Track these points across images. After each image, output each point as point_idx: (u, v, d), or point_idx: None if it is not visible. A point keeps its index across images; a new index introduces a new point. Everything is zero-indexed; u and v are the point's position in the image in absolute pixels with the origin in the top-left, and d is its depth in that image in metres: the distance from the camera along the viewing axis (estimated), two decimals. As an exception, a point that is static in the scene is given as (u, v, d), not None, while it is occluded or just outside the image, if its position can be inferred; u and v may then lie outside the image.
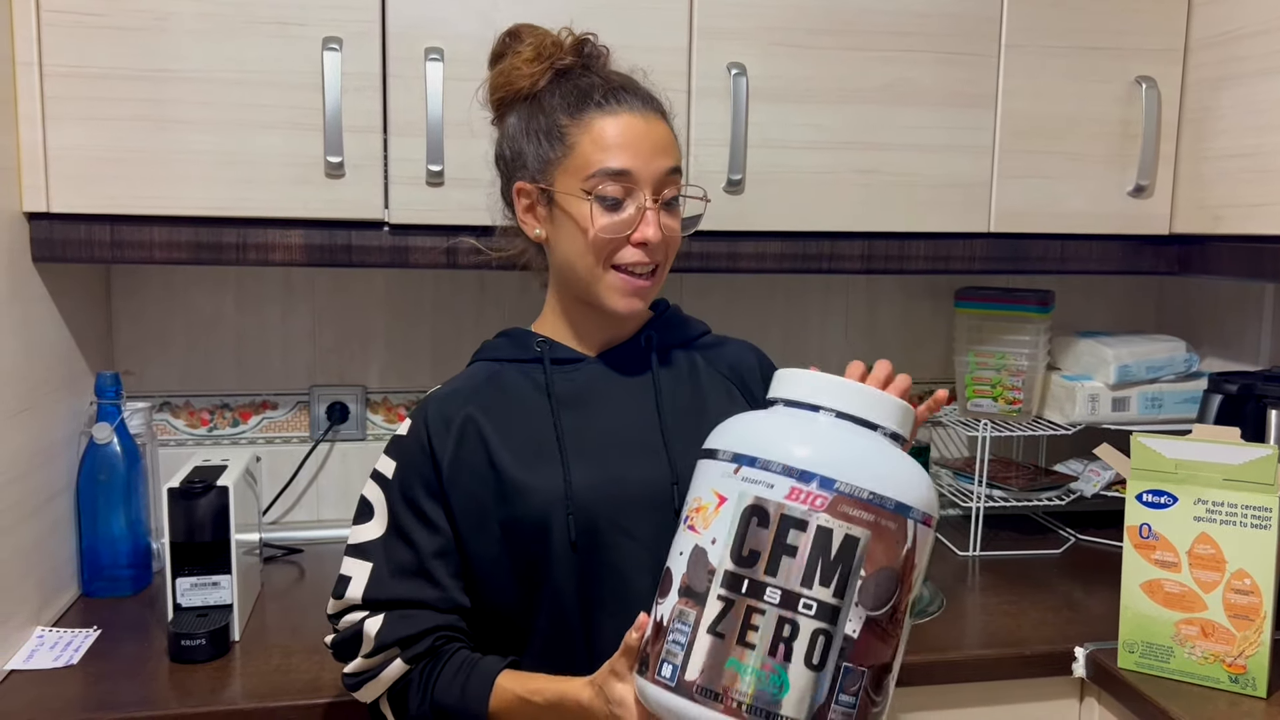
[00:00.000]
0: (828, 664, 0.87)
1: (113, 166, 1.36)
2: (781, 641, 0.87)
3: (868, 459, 0.90)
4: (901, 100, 1.55)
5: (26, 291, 1.37)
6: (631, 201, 1.09)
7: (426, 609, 1.09)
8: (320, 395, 1.81)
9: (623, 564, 1.09)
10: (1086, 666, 1.37)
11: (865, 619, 0.88)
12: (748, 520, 0.89)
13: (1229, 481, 1.25)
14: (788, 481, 0.89)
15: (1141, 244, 1.67)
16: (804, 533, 0.87)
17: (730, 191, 1.51)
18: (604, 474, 1.10)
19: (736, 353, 1.26)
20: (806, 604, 0.87)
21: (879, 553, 0.88)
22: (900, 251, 1.60)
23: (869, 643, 0.88)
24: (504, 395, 1.15)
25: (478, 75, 1.41)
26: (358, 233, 1.44)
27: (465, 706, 1.05)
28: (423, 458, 1.12)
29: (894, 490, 0.89)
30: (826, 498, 0.88)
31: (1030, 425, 1.82)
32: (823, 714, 0.87)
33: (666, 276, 1.16)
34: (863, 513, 0.88)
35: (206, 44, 1.36)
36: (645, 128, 1.10)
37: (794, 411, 0.96)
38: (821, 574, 0.87)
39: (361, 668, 1.09)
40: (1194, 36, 1.61)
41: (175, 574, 1.35)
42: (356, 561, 1.11)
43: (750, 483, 0.90)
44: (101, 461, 1.51)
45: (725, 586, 0.89)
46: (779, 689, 0.86)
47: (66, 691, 1.23)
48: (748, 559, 0.88)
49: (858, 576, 0.88)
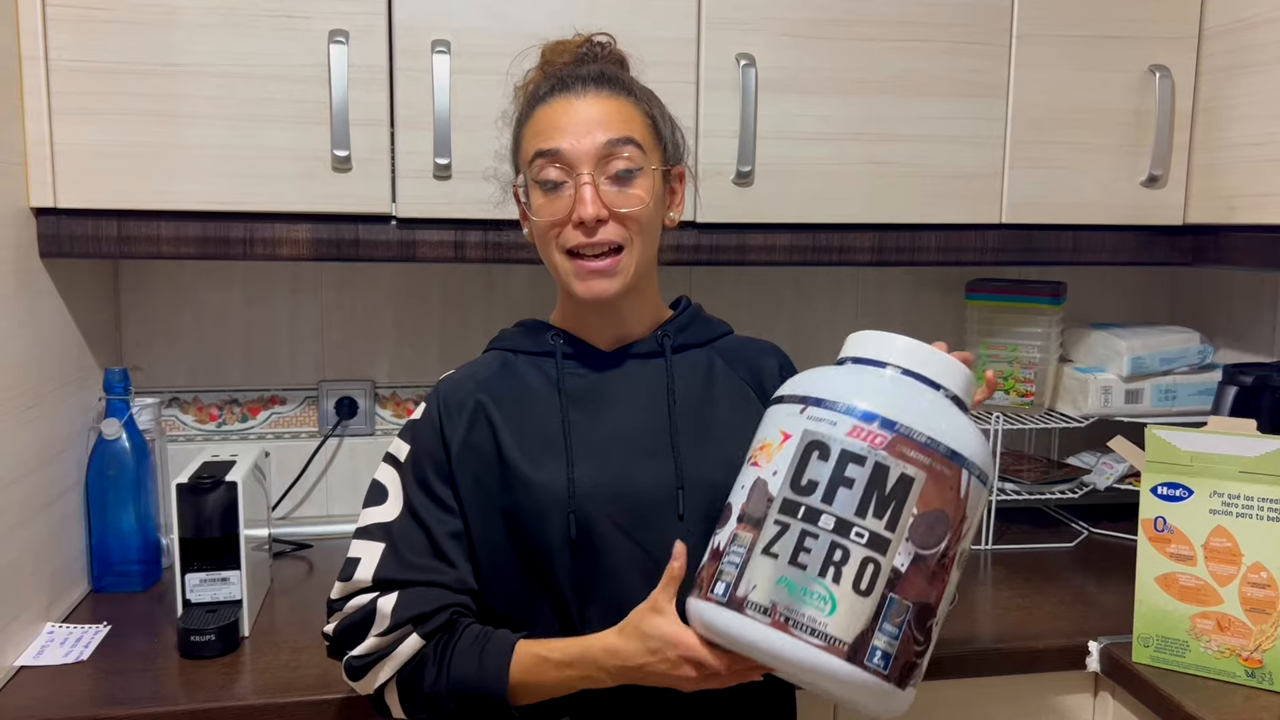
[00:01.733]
0: (874, 591, 0.90)
1: (119, 161, 1.36)
2: (832, 564, 0.90)
3: (928, 409, 0.95)
4: (912, 90, 1.54)
5: (34, 287, 1.37)
6: (571, 182, 1.07)
7: (440, 588, 1.08)
8: (329, 390, 1.80)
9: (621, 565, 1.07)
10: (1100, 661, 1.36)
11: (914, 555, 0.92)
12: (809, 453, 0.94)
13: (1245, 474, 1.24)
14: (850, 420, 0.94)
15: (1155, 234, 1.65)
16: (862, 467, 0.92)
17: (739, 183, 1.50)
18: (608, 474, 1.09)
19: (757, 356, 1.23)
20: (859, 533, 0.91)
21: (932, 494, 0.92)
22: (911, 243, 1.58)
23: (915, 580, 0.92)
24: (515, 386, 1.14)
25: (485, 68, 1.41)
26: (365, 227, 1.44)
27: (484, 676, 1.03)
28: (435, 440, 1.12)
29: (951, 439, 0.94)
30: (886, 437, 0.93)
31: (1042, 418, 1.81)
32: (866, 638, 0.90)
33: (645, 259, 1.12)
34: (919, 454, 0.93)
35: (213, 38, 1.36)
36: (581, 106, 1.08)
37: (862, 367, 1.00)
38: (875, 506, 0.91)
39: (374, 647, 1.06)
40: (1208, 24, 1.60)
41: (184, 570, 1.35)
42: (368, 543, 1.10)
43: (815, 420, 0.95)
44: (110, 457, 1.51)
45: (782, 511, 0.93)
46: (826, 608, 0.90)
47: (77, 687, 1.23)
48: (806, 488, 0.93)
49: (910, 514, 0.92)
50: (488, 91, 1.42)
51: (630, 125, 1.09)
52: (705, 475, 1.09)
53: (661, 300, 1.22)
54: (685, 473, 1.09)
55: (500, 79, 1.41)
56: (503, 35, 1.41)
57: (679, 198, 1.18)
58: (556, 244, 1.10)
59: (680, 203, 1.19)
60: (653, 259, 1.16)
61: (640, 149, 1.09)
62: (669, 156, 1.15)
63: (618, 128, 1.08)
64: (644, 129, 1.11)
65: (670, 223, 1.17)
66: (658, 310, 1.20)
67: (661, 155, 1.13)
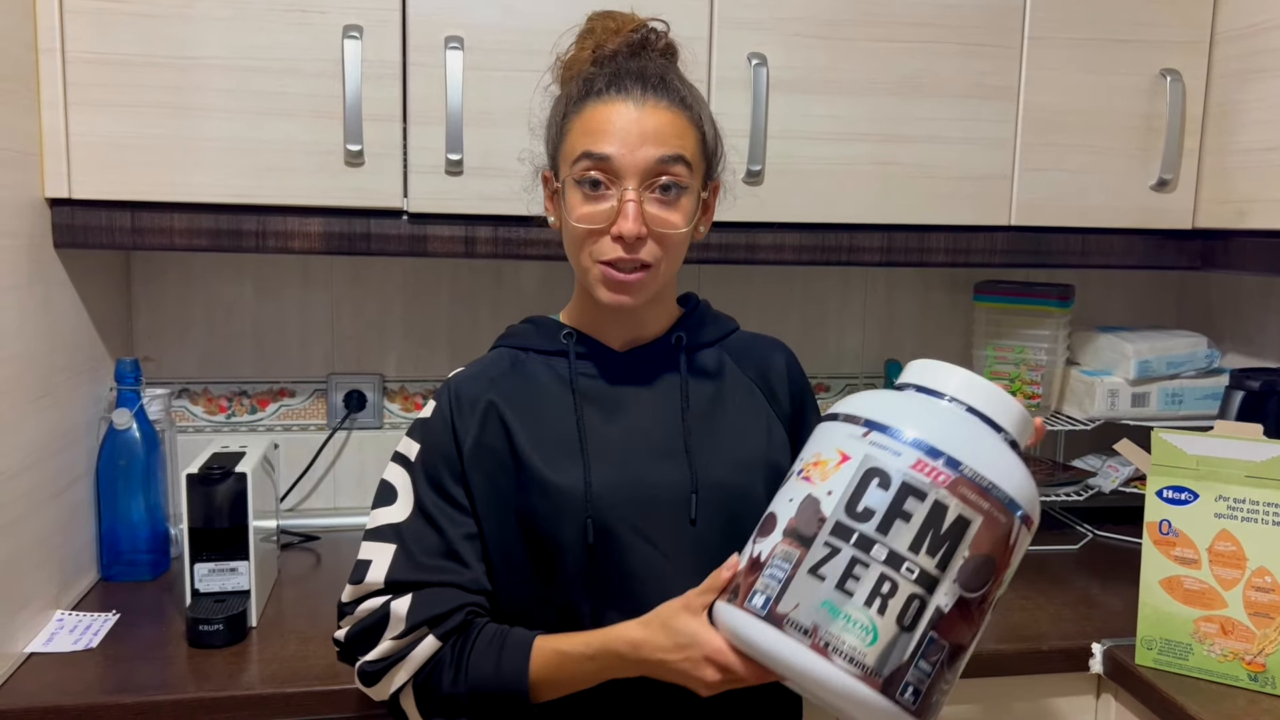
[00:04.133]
0: (917, 628, 0.90)
1: (134, 153, 1.37)
2: (879, 596, 0.90)
3: (992, 452, 0.95)
4: (923, 92, 1.54)
5: (48, 277, 1.38)
6: (615, 192, 1.04)
7: (455, 588, 1.06)
8: (338, 383, 1.81)
9: (637, 568, 1.06)
10: (1104, 663, 1.37)
11: (959, 597, 0.91)
12: (868, 480, 0.93)
13: (1251, 478, 1.24)
14: (915, 453, 0.93)
15: (1164, 238, 1.65)
16: (921, 503, 0.91)
17: (749, 182, 1.51)
18: (624, 476, 1.08)
19: (765, 354, 1.22)
20: (910, 568, 0.90)
21: (984, 539, 0.92)
22: (920, 244, 1.59)
23: (956, 620, 0.92)
24: (528, 385, 1.13)
25: (498, 64, 1.42)
26: (376, 221, 1.44)
27: (502, 675, 1.02)
28: (447, 439, 1.10)
29: (1010, 486, 0.94)
30: (950, 476, 0.92)
31: (1049, 420, 1.81)
32: (901, 674, 0.89)
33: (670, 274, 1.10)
34: (979, 498, 0.92)
35: (228, 31, 1.37)
36: (638, 115, 1.04)
37: (925, 397, 0.99)
38: (930, 544, 0.91)
39: (389, 651, 1.04)
40: (1219, 29, 1.60)
41: (193, 560, 1.36)
42: (378, 545, 1.08)
43: (878, 447, 0.94)
44: (121, 447, 1.52)
45: (834, 534, 0.92)
46: (868, 638, 0.89)
47: (85, 674, 1.24)
48: (861, 514, 0.92)
49: (961, 555, 0.91)
50: (500, 88, 1.42)
51: (683, 142, 1.06)
52: (718, 478, 1.09)
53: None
54: (699, 476, 1.09)
55: (512, 75, 1.42)
56: (515, 32, 1.42)
57: (710, 212, 1.15)
58: (590, 250, 1.07)
59: (710, 217, 1.16)
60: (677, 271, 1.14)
61: (689, 167, 1.06)
62: (712, 172, 1.13)
63: (672, 144, 1.05)
64: (695, 145, 1.08)
65: (699, 235, 1.15)
66: (672, 310, 1.19)
67: (706, 171, 1.11)
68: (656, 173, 1.04)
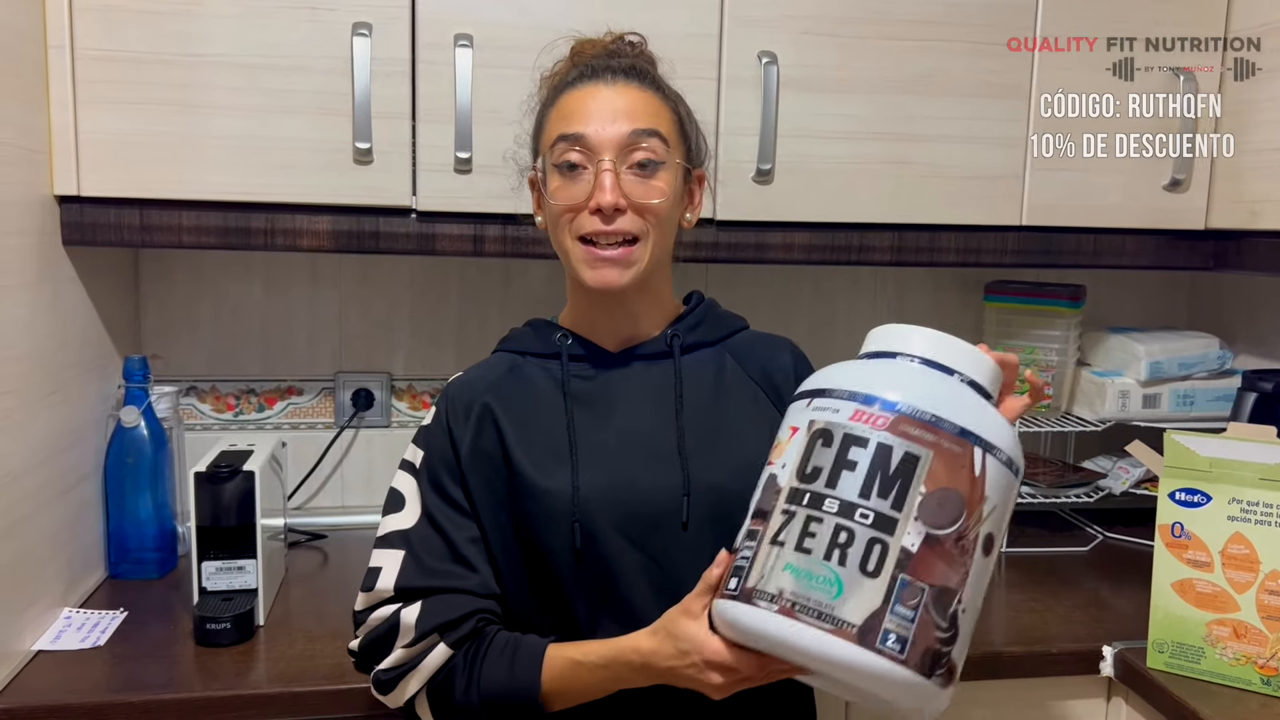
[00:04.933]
0: (883, 572, 0.88)
1: (143, 150, 1.36)
2: (837, 547, 0.89)
3: (937, 390, 0.94)
4: (934, 91, 1.53)
5: (57, 274, 1.38)
6: (591, 168, 1.06)
7: (465, 594, 1.06)
8: (345, 381, 1.81)
9: (628, 573, 1.06)
10: (1115, 666, 1.36)
11: (925, 535, 0.89)
12: (814, 442, 0.94)
13: (1264, 481, 1.24)
14: (851, 405, 0.93)
15: (1176, 239, 1.64)
16: (864, 449, 0.91)
17: (759, 181, 1.50)
18: (613, 480, 1.07)
19: (771, 354, 1.21)
20: (863, 514, 0.89)
21: (941, 472, 0.90)
22: (930, 243, 1.58)
23: (929, 560, 0.89)
24: (523, 389, 1.13)
25: (507, 62, 1.41)
26: (385, 219, 1.44)
27: (515, 684, 1.02)
28: (445, 443, 1.11)
29: (958, 416, 0.92)
30: (888, 417, 0.91)
31: (1059, 421, 1.80)
32: (877, 620, 0.87)
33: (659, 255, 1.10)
34: (924, 432, 0.91)
35: (237, 28, 1.36)
36: (609, 94, 1.07)
37: (876, 360, 1.00)
38: (880, 487, 0.90)
39: (401, 659, 1.04)
40: (1233, 28, 1.58)
41: (201, 558, 1.36)
42: (388, 552, 1.09)
43: (819, 410, 0.95)
44: (129, 445, 1.52)
45: (789, 501, 0.93)
46: (833, 591, 0.88)
47: (93, 672, 1.24)
48: (810, 475, 0.92)
49: (917, 492, 0.90)
50: (509, 86, 1.41)
51: (657, 118, 1.08)
52: (712, 481, 1.08)
53: (675, 297, 1.21)
54: (692, 479, 1.08)
55: (522, 73, 1.41)
56: (525, 30, 1.41)
57: (697, 200, 1.17)
58: (570, 229, 1.08)
59: (698, 205, 1.18)
60: (666, 257, 1.15)
61: (665, 143, 1.08)
62: (692, 157, 1.15)
63: (645, 119, 1.07)
64: (670, 124, 1.10)
65: (686, 224, 1.16)
66: (669, 309, 1.19)
67: (685, 153, 1.13)
68: (631, 145, 1.06)
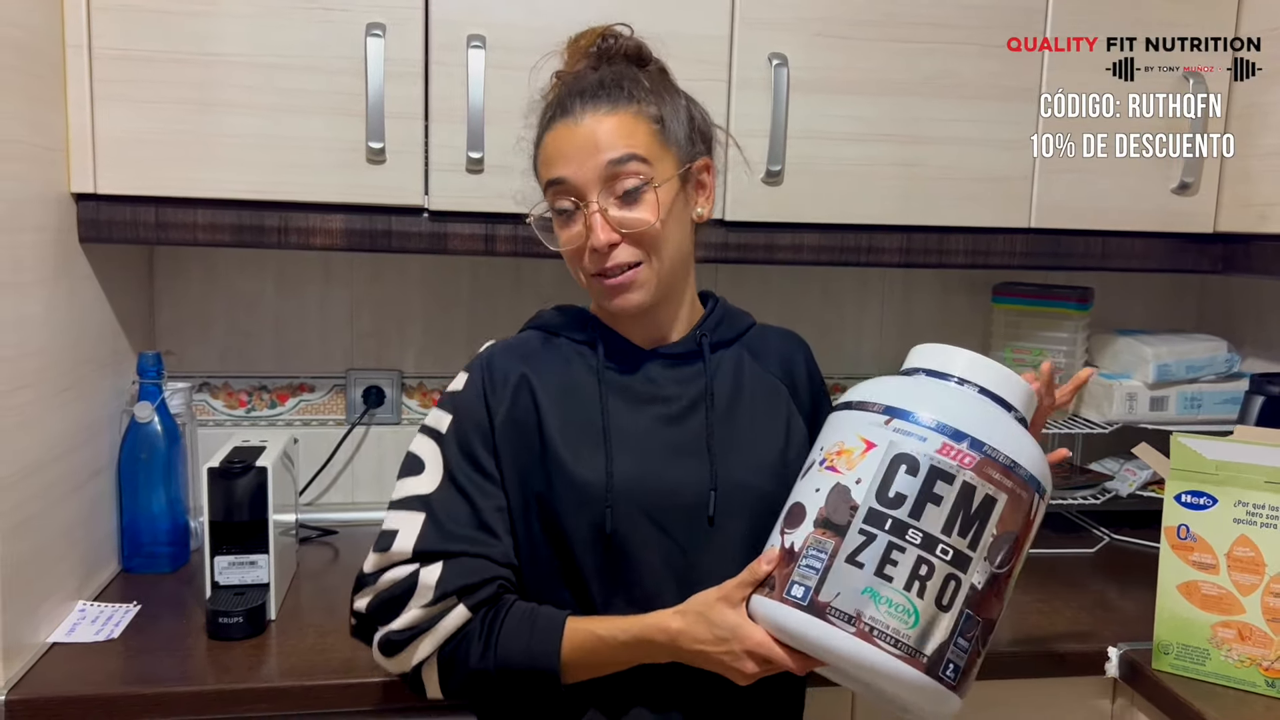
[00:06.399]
0: (954, 606, 0.94)
1: (159, 149, 1.38)
2: (917, 579, 0.93)
3: (1008, 432, 0.99)
4: (943, 93, 1.54)
5: (73, 271, 1.39)
6: (583, 209, 1.07)
7: (486, 559, 1.06)
8: (357, 379, 1.82)
9: (651, 561, 1.07)
10: (1120, 667, 1.36)
11: (990, 574, 0.95)
12: (896, 466, 0.96)
13: (1270, 484, 1.24)
14: (940, 437, 0.96)
15: (1184, 242, 1.64)
16: (950, 485, 0.95)
17: (769, 182, 1.51)
18: (644, 468, 1.08)
19: (784, 349, 1.23)
20: (944, 549, 0.94)
21: (1009, 516, 0.96)
22: (939, 245, 1.59)
23: (988, 596, 0.96)
24: (559, 365, 1.14)
25: (519, 63, 1.41)
26: (397, 218, 1.45)
27: (533, 652, 1.02)
28: (480, 410, 1.11)
29: (1029, 464, 0.98)
30: (975, 458, 0.95)
31: (1066, 423, 1.81)
32: (943, 652, 0.93)
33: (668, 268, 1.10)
34: (1003, 477, 0.96)
35: (251, 28, 1.37)
36: (579, 131, 1.06)
37: (936, 380, 1.04)
38: (961, 525, 0.94)
39: (416, 620, 1.03)
40: (1242, 31, 1.59)
41: (214, 552, 1.37)
42: (406, 514, 1.08)
43: (902, 434, 0.97)
44: (142, 440, 1.53)
45: (868, 522, 0.95)
46: (910, 620, 0.92)
47: (107, 665, 1.26)
48: (893, 500, 0.95)
49: (990, 534, 0.95)
50: (521, 87, 1.41)
51: (631, 139, 1.06)
52: (738, 479, 1.10)
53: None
54: (720, 476, 1.10)
55: (531, 74, 1.42)
56: (537, 31, 1.42)
57: (708, 191, 1.15)
58: (581, 269, 1.11)
59: (710, 197, 1.15)
60: (681, 264, 1.14)
61: (645, 162, 1.06)
62: (684, 155, 1.11)
63: (619, 145, 1.06)
64: (648, 138, 1.08)
65: (699, 218, 1.15)
66: (693, 309, 1.20)
67: (675, 158, 1.10)
68: (611, 176, 1.06)
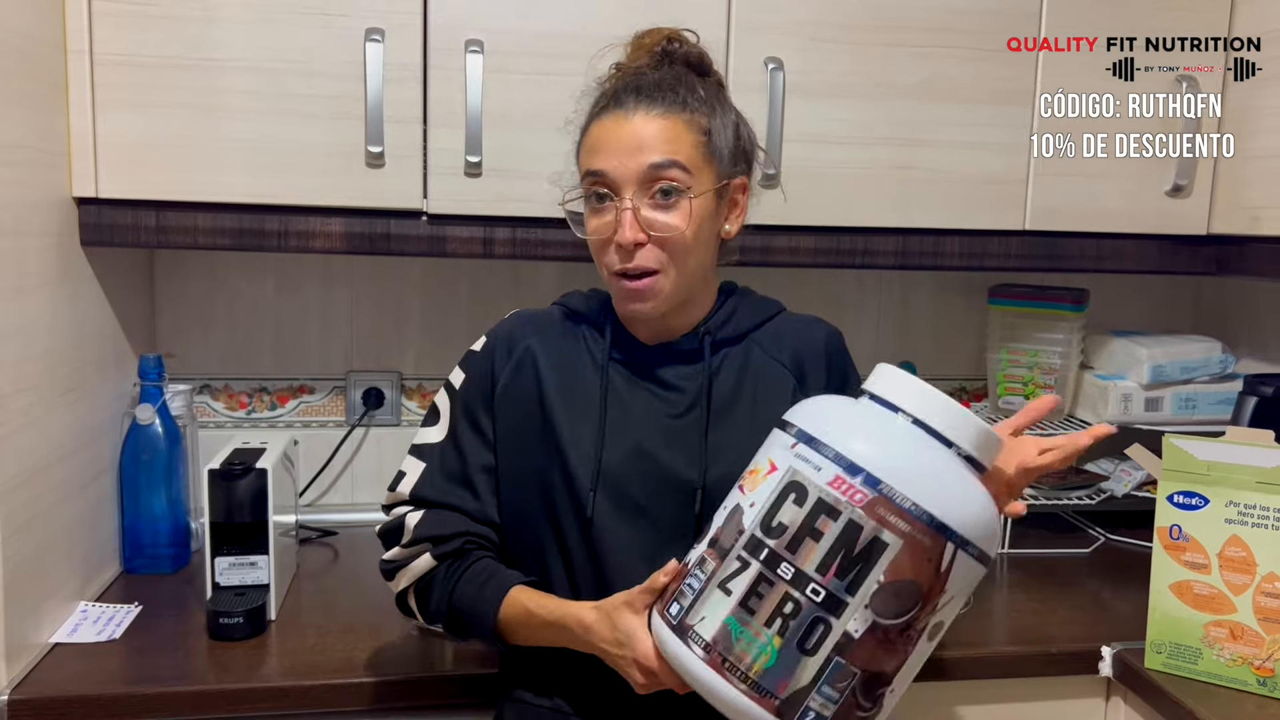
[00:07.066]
0: (819, 652, 0.88)
1: (160, 153, 1.39)
2: (780, 616, 0.88)
3: (925, 471, 0.89)
4: (939, 96, 1.55)
5: (75, 274, 1.40)
6: (616, 204, 1.08)
7: (461, 514, 1.15)
8: (357, 381, 1.83)
9: (631, 548, 1.10)
10: (1113, 666, 1.37)
11: (871, 623, 0.88)
12: (786, 494, 0.91)
13: (1262, 484, 1.25)
14: (834, 469, 0.89)
15: (1178, 244, 1.65)
16: (834, 521, 0.88)
17: (765, 185, 1.51)
18: (636, 454, 1.11)
19: (802, 338, 1.21)
20: (815, 590, 0.88)
21: (905, 564, 0.87)
22: (935, 248, 1.59)
23: (869, 647, 0.88)
24: (569, 345, 1.18)
25: (517, 67, 1.43)
26: (396, 221, 1.46)
27: (476, 609, 1.11)
28: (486, 374, 1.18)
29: (940, 509, 0.88)
30: (867, 495, 0.87)
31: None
32: (801, 697, 0.88)
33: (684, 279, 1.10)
34: (899, 520, 0.87)
35: (252, 34, 1.38)
36: (629, 126, 1.07)
37: (876, 407, 0.95)
38: (839, 566, 0.87)
39: (396, 556, 1.16)
40: (1235, 34, 1.59)
41: (214, 553, 1.38)
42: (414, 460, 1.18)
43: (801, 460, 0.91)
44: (144, 442, 1.54)
45: (746, 549, 0.91)
46: (765, 659, 0.88)
47: (108, 665, 1.27)
48: (775, 529, 0.90)
49: (875, 580, 0.87)
50: (519, 91, 1.44)
51: (677, 146, 1.07)
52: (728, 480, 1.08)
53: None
54: (710, 476, 1.11)
55: (531, 78, 1.44)
56: (535, 35, 1.44)
57: (739, 211, 1.16)
58: (604, 262, 1.12)
59: (740, 216, 1.17)
60: (700, 277, 1.14)
61: (686, 171, 1.07)
62: (725, 171, 1.12)
63: (663, 150, 1.06)
64: (693, 149, 1.08)
65: (727, 235, 1.16)
66: (704, 305, 1.19)
67: (715, 172, 1.11)
68: (651, 179, 1.07)
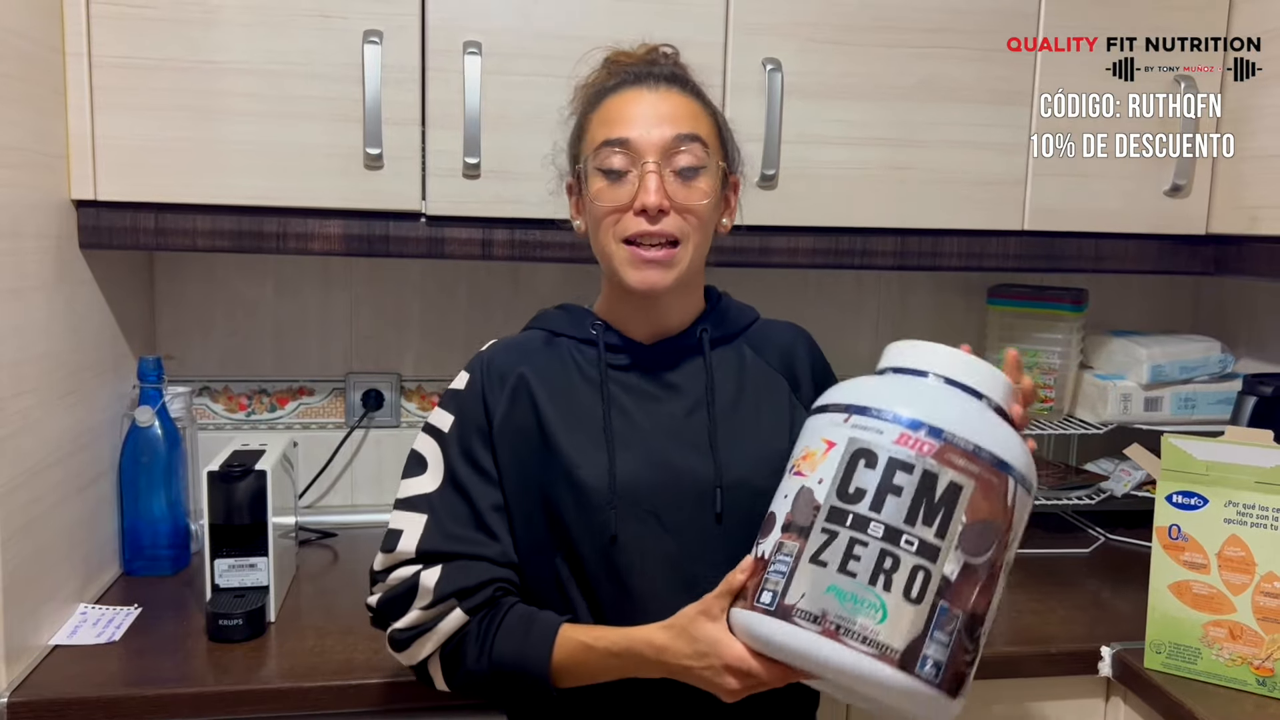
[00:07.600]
0: (925, 599, 0.90)
1: (158, 156, 1.39)
2: (882, 572, 0.90)
3: (974, 417, 0.96)
4: (937, 96, 1.55)
5: (74, 277, 1.40)
6: (636, 173, 1.07)
7: (484, 561, 1.08)
8: (356, 382, 1.83)
9: (656, 563, 1.07)
10: (1113, 666, 1.37)
11: (963, 564, 0.92)
12: (855, 461, 0.94)
13: (1260, 484, 1.25)
14: (897, 428, 0.94)
15: (1177, 244, 1.65)
16: (910, 475, 0.92)
17: (763, 186, 1.52)
18: (648, 462, 1.09)
19: (785, 341, 1.23)
20: (909, 540, 0.91)
21: (981, 503, 0.92)
22: (934, 248, 1.60)
23: (965, 587, 0.92)
24: (559, 365, 1.15)
25: (515, 69, 1.43)
26: (395, 223, 1.46)
27: (526, 657, 1.04)
28: (478, 409, 1.12)
29: (998, 448, 0.94)
30: (934, 445, 0.92)
31: (1061, 424, 1.82)
32: (918, 646, 0.90)
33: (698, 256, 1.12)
34: (968, 463, 0.92)
35: (251, 36, 1.39)
36: (652, 98, 1.09)
37: (904, 377, 1.01)
38: (925, 514, 0.91)
39: (417, 620, 1.06)
40: (1234, 34, 1.60)
41: (214, 555, 1.38)
42: (409, 514, 1.10)
43: (860, 429, 0.95)
44: (143, 444, 1.54)
45: (829, 520, 0.93)
46: (877, 616, 0.90)
47: (108, 666, 1.27)
48: (853, 495, 0.93)
49: (959, 522, 0.92)
50: (518, 92, 1.44)
51: (699, 123, 1.10)
52: (743, 476, 1.10)
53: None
54: (724, 473, 1.10)
55: (529, 80, 1.44)
56: (533, 38, 1.44)
57: (732, 206, 1.19)
58: (614, 231, 1.09)
59: (733, 211, 1.19)
60: (701, 261, 1.16)
61: (706, 147, 1.10)
62: (729, 163, 1.16)
63: (687, 124, 1.09)
64: (711, 130, 1.12)
65: (723, 229, 1.18)
66: (697, 302, 1.20)
67: (723, 158, 1.14)
68: (674, 150, 1.08)
